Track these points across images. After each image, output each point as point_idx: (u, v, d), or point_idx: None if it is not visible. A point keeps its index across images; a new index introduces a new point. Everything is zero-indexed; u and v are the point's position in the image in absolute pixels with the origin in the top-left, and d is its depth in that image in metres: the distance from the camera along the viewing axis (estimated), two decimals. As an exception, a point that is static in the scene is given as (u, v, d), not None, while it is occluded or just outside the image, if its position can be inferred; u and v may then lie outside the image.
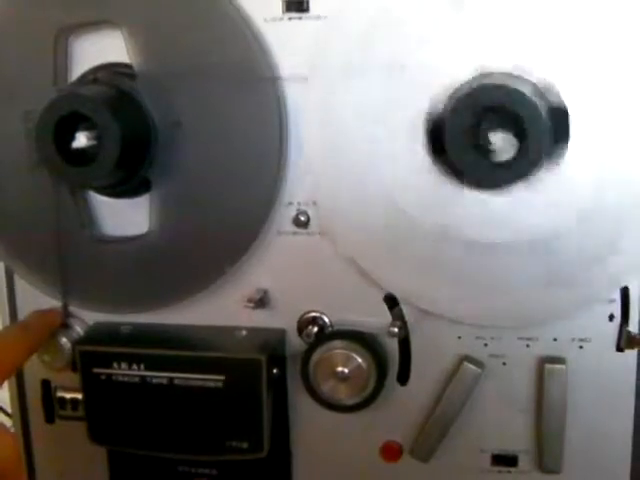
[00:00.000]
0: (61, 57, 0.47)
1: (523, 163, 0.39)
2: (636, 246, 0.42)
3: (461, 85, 0.41)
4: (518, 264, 0.43)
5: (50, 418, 0.54)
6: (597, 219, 0.41)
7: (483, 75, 0.41)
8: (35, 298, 0.51)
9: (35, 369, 0.51)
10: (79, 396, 0.51)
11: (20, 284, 0.52)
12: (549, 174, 0.41)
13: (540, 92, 0.40)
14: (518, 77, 0.40)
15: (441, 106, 0.41)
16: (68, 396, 0.53)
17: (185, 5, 0.45)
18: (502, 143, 0.40)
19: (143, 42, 0.45)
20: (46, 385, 0.53)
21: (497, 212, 0.42)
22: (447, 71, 0.41)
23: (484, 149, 0.40)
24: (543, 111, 0.39)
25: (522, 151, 0.39)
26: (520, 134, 0.40)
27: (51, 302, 0.51)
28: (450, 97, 0.41)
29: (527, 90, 0.39)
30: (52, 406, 0.54)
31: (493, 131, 0.40)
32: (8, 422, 0.54)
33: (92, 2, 0.46)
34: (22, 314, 0.52)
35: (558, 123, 0.40)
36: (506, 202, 0.42)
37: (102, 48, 0.47)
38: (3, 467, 0.41)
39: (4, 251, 0.50)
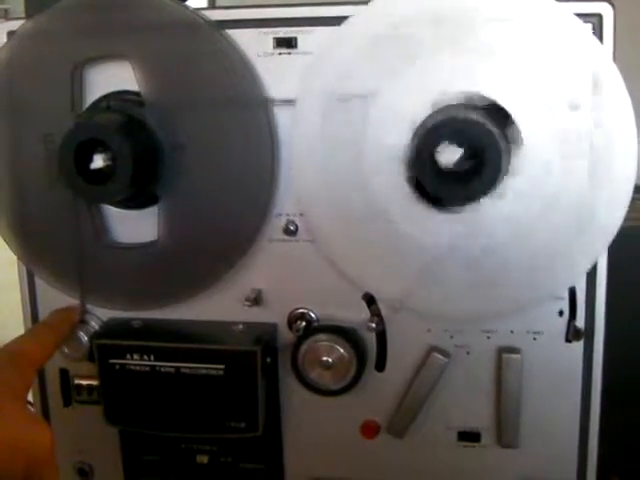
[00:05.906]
0: (77, 86, 0.51)
1: (480, 184, 0.45)
2: (580, 253, 0.47)
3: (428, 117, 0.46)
4: (482, 269, 0.48)
5: (67, 402, 0.58)
6: (544, 232, 0.47)
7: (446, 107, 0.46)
8: (53, 298, 0.55)
9: (54, 359, 0.53)
10: (94, 383, 0.55)
11: (40, 285, 0.56)
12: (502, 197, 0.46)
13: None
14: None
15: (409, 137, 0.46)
16: (84, 383, 0.56)
17: (186, 41, 0.49)
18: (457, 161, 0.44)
19: (150, 74, 0.49)
20: (64, 373, 0.57)
21: (461, 228, 0.47)
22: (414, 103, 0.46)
23: (445, 173, 0.45)
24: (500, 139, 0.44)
25: (479, 173, 0.44)
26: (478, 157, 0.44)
27: (68, 300, 0.55)
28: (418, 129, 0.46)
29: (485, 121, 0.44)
30: (69, 392, 0.57)
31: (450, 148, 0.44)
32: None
33: (105, 38, 0.50)
34: (43, 312, 0.56)
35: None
36: (467, 219, 0.47)
37: (113, 77, 0.51)
38: (37, 457, 0.42)
39: (27, 256, 0.54)
